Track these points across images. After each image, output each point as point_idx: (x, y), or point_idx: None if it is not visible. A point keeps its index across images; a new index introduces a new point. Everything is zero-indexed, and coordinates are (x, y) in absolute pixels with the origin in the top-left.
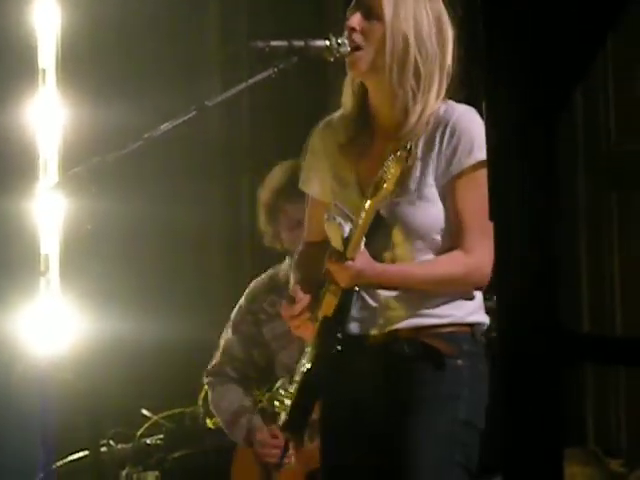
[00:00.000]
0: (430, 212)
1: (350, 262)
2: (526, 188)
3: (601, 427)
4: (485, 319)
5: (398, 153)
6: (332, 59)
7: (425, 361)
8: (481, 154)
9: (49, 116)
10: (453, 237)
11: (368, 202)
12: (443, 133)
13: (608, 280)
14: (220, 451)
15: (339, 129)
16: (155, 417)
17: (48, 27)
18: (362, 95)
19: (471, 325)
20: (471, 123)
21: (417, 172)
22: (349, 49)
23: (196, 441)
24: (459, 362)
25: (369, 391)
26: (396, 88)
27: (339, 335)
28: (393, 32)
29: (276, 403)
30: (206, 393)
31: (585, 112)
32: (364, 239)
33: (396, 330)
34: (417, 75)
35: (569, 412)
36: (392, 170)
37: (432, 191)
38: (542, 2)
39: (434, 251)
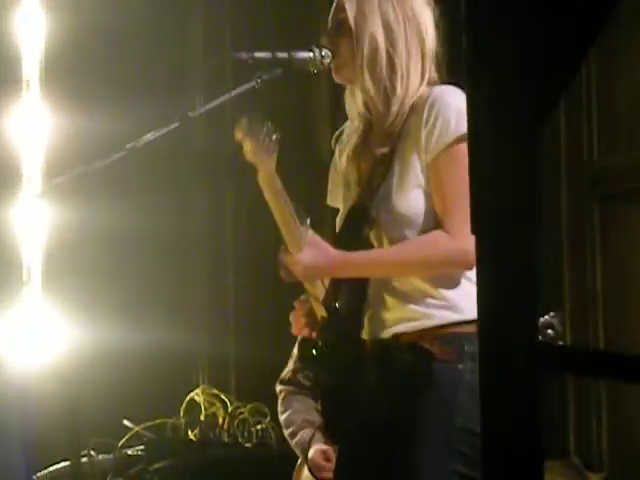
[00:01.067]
0: (412, 198)
1: (297, 255)
2: (508, 200)
3: (582, 440)
4: None
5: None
6: (315, 71)
7: (420, 368)
8: (459, 129)
9: (33, 126)
10: (438, 218)
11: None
12: (421, 115)
13: (591, 294)
14: (201, 463)
15: (349, 139)
16: (137, 428)
17: (32, 38)
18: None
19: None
20: (448, 100)
21: (397, 159)
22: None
23: (177, 452)
24: (460, 366)
25: (369, 400)
26: (369, 84)
27: (333, 334)
28: (359, 34)
29: None
30: (187, 404)
31: (568, 127)
32: (306, 228)
33: (394, 335)
34: (391, 66)
35: (550, 425)
36: (247, 146)
37: (412, 177)
38: (527, 8)
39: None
